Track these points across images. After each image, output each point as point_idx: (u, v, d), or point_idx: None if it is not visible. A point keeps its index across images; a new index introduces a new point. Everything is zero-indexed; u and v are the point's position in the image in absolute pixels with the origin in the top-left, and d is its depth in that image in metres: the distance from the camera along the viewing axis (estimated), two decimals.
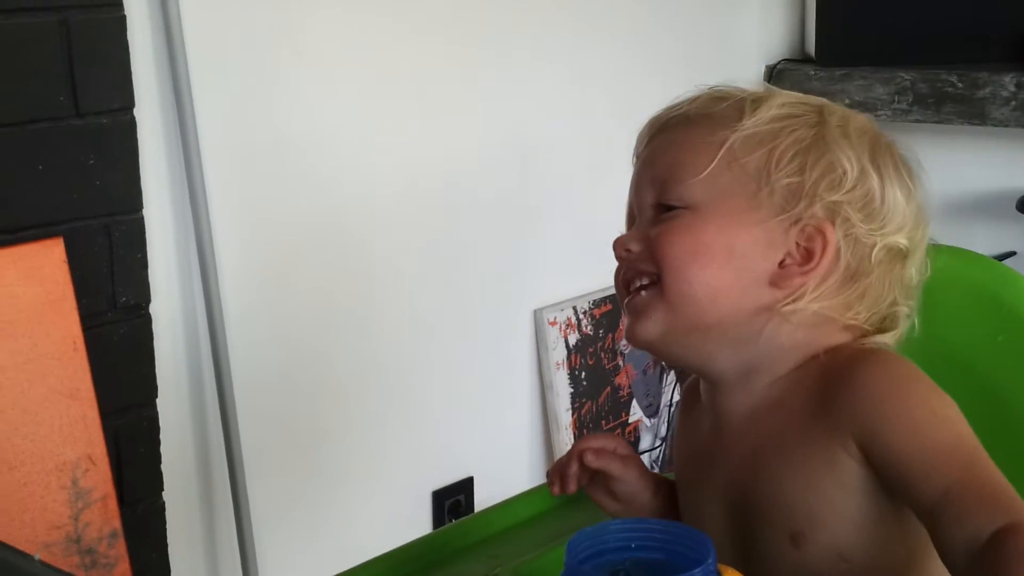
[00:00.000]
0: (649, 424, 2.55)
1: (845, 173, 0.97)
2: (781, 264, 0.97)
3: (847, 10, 2.60)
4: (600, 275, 2.43)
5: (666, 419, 2.57)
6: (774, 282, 0.97)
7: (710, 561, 0.77)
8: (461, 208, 2.20)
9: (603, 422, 2.44)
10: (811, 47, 2.68)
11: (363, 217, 2.05)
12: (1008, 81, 2.42)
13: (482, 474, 2.33)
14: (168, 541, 1.81)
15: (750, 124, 0.98)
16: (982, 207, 2.62)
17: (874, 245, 0.98)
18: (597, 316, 2.42)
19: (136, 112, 1.70)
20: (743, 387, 1.00)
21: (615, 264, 1.02)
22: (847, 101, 2.57)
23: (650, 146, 1.04)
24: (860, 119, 1.02)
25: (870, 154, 0.99)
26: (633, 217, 1.04)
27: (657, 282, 0.98)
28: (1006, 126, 2.44)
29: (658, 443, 2.55)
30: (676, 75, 2.52)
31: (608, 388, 2.45)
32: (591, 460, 1.08)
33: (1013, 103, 2.42)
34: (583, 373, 2.40)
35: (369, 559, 1.05)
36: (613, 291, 1.03)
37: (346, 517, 2.11)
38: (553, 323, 2.35)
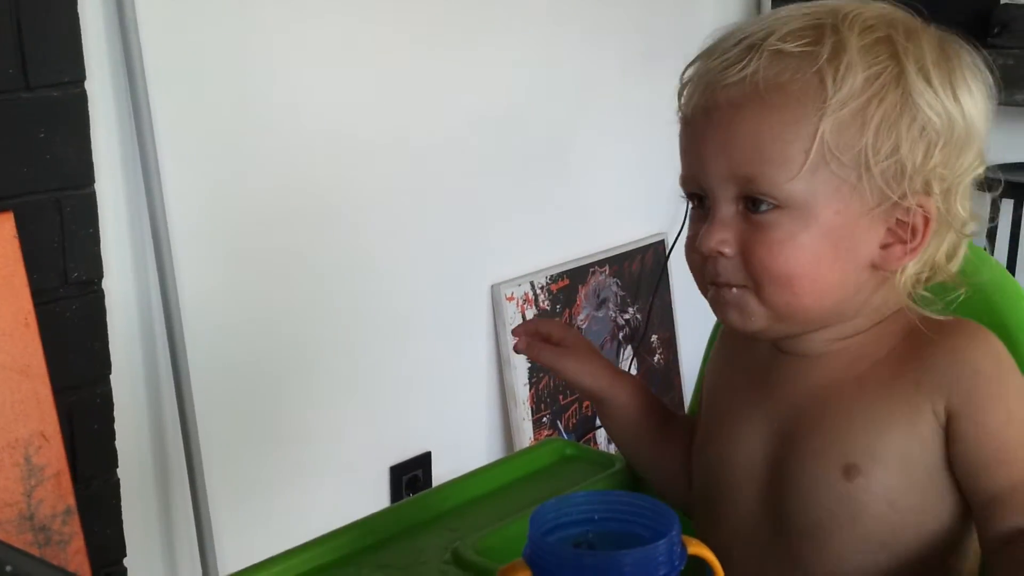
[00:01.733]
0: None
1: (938, 133, 0.92)
2: (884, 246, 0.94)
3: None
4: (557, 250, 2.43)
5: None
6: (877, 264, 0.94)
7: (674, 533, 0.77)
8: (420, 184, 2.18)
9: (560, 397, 2.44)
10: None
11: (320, 193, 2.03)
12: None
13: (440, 449, 2.32)
14: (123, 518, 1.80)
15: (837, 103, 0.89)
16: None
17: (957, 186, 0.94)
18: (554, 291, 2.41)
19: (87, 85, 1.68)
20: (824, 339, 0.98)
21: (573, 240, 0.99)
22: None
23: (710, 119, 0.93)
24: (927, 38, 0.93)
25: (952, 87, 0.92)
26: (700, 188, 0.96)
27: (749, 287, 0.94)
28: None
29: None
30: (632, 60, 2.52)
31: None
32: (521, 347, 1.10)
33: None
34: None
35: (325, 533, 1.04)
36: (571, 266, 0.99)
37: (304, 492, 2.10)
38: (511, 298, 2.35)
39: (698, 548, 0.80)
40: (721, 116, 0.92)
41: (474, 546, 1.01)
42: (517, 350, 1.11)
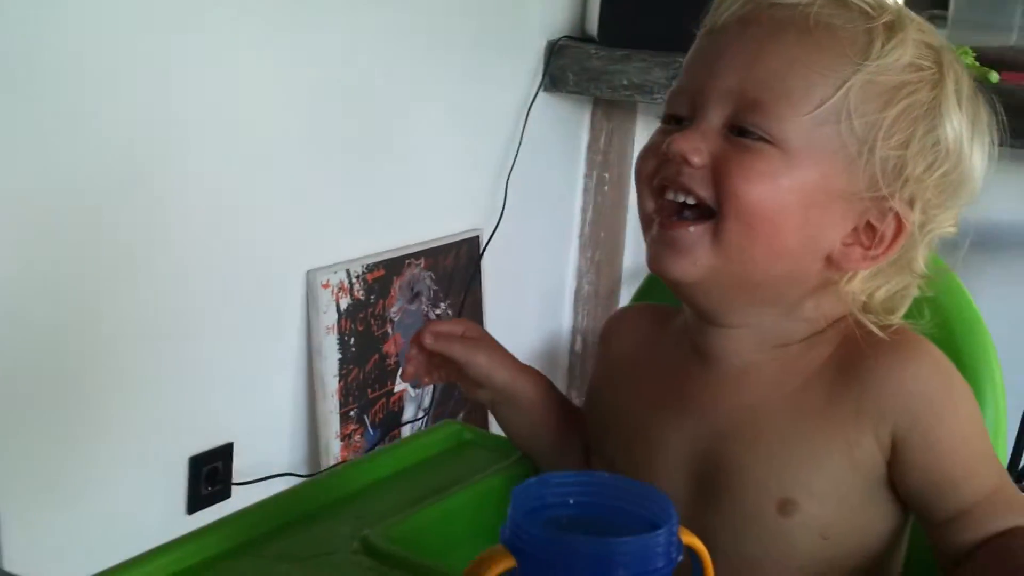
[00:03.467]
0: (414, 394, 2.48)
1: (947, 154, 0.88)
2: (845, 244, 0.89)
3: None
4: (374, 238, 2.35)
5: (430, 390, 2.51)
6: (833, 258, 0.89)
7: (674, 522, 0.72)
8: (234, 162, 2.06)
9: (369, 390, 2.36)
10: (591, 26, 2.68)
11: (123, 170, 1.88)
12: None
13: (243, 440, 2.20)
14: None
15: (876, 67, 0.86)
16: None
17: (931, 232, 0.91)
18: (370, 281, 2.33)
19: None
20: (754, 342, 0.92)
21: (391, 231, 0.92)
22: (624, 82, 2.59)
23: (745, 30, 0.88)
24: (969, 77, 0.91)
25: (971, 125, 0.90)
26: (689, 105, 0.89)
27: (710, 218, 0.87)
28: None
29: (421, 414, 2.50)
30: (460, 48, 2.46)
31: (376, 355, 2.37)
32: (429, 342, 1.02)
33: None
34: (352, 339, 2.31)
35: (216, 520, 0.95)
36: (387, 256, 0.92)
37: (99, 483, 1.94)
38: (326, 285, 2.25)
39: (689, 538, 0.75)
40: (758, 31, 0.87)
41: (386, 534, 0.94)
42: (425, 343, 1.03)
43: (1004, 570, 0.84)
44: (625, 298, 2.99)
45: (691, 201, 0.88)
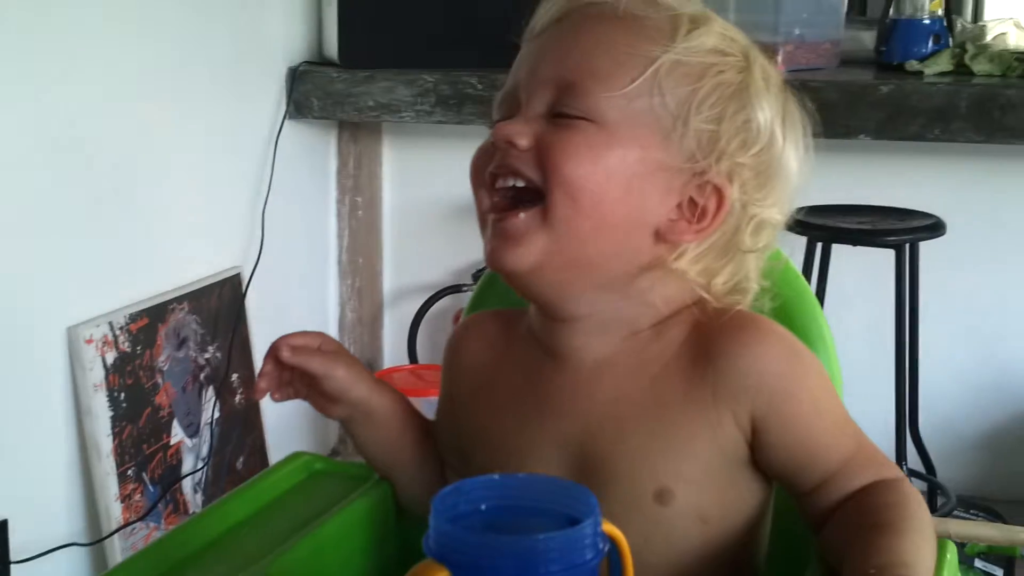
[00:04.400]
0: (191, 444, 2.38)
1: (758, 134, 0.92)
2: (671, 220, 0.91)
3: (368, 14, 2.59)
4: (134, 287, 2.24)
5: (208, 438, 2.41)
6: (660, 232, 0.91)
7: (597, 513, 0.71)
8: None
9: (145, 445, 2.25)
10: (330, 50, 2.65)
11: None
12: None
13: (16, 515, 2.05)
14: None
15: (683, 48, 0.90)
16: None
17: (754, 216, 0.93)
18: (134, 331, 2.22)
19: None
20: (601, 334, 0.92)
21: (150, 276, 0.89)
22: (371, 103, 2.57)
23: (560, 27, 0.93)
24: (776, 72, 0.96)
25: (782, 114, 0.94)
26: (514, 103, 0.92)
27: (537, 202, 0.88)
28: None
29: (200, 464, 2.39)
30: (200, 83, 2.39)
31: (148, 409, 2.26)
32: (287, 356, 0.98)
33: None
34: (122, 394, 2.19)
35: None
36: (149, 303, 0.88)
37: None
38: (89, 341, 2.13)
39: (609, 528, 0.74)
40: (569, 25, 0.92)
41: (263, 574, 0.89)
42: (283, 358, 0.99)
43: (861, 533, 0.87)
44: (389, 322, 2.97)
45: (520, 183, 0.90)
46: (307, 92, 2.60)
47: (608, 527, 0.73)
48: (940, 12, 2.68)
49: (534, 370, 0.96)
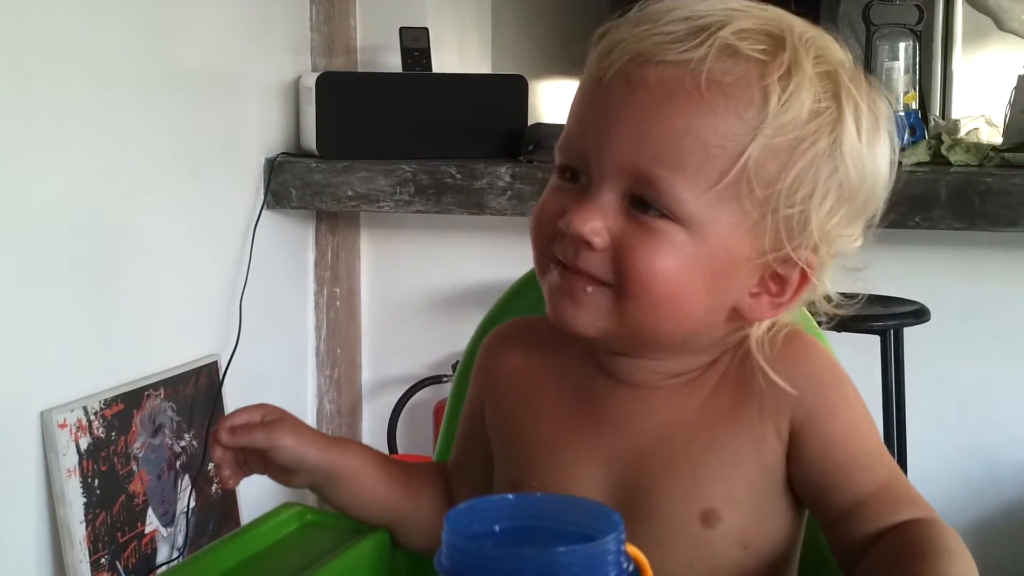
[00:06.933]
0: (166, 534, 2.32)
1: (851, 195, 0.86)
2: (752, 294, 0.87)
3: (347, 107, 2.60)
4: (110, 372, 2.20)
5: (183, 527, 2.36)
6: (741, 310, 0.88)
7: (621, 530, 0.69)
8: None
9: (119, 534, 2.19)
10: (308, 141, 2.65)
11: None
12: (504, 172, 2.52)
13: None
14: None
15: (773, 128, 0.81)
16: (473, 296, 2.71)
17: (840, 252, 0.90)
18: (108, 417, 2.18)
19: None
20: (661, 371, 0.91)
21: (126, 361, 0.86)
22: (350, 193, 2.57)
23: (637, 98, 0.82)
24: (865, 81, 0.88)
25: (873, 148, 0.88)
26: (582, 166, 0.85)
27: (611, 287, 0.85)
28: (503, 214, 2.53)
29: (175, 554, 2.33)
30: (181, 172, 2.38)
31: (123, 496, 2.21)
32: (225, 439, 0.96)
33: (509, 193, 2.52)
34: (96, 480, 2.14)
35: None
36: (125, 389, 0.86)
37: None
38: (63, 425, 2.09)
39: (632, 549, 0.71)
40: (647, 96, 0.82)
41: None
42: (223, 442, 0.96)
43: (903, 562, 0.84)
44: (368, 413, 2.92)
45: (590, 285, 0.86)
46: (285, 183, 2.60)
47: (632, 549, 0.71)
48: (914, 106, 2.72)
49: (587, 385, 0.94)
